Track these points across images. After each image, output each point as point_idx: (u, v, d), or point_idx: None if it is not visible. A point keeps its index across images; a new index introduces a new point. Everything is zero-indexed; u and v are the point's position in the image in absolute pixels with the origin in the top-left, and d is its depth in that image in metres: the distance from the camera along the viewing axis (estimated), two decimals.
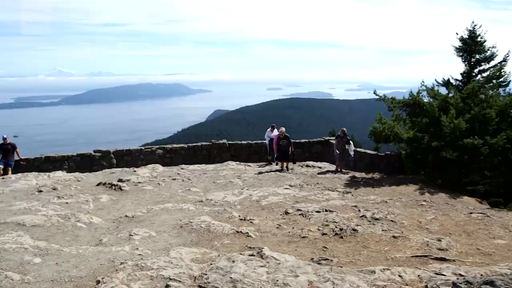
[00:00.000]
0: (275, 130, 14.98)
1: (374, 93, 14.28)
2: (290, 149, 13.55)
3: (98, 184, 11.23)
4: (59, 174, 12.69)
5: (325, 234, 6.75)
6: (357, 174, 13.10)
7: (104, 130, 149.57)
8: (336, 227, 6.96)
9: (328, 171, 13.50)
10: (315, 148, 17.40)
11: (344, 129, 13.86)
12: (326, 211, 8.07)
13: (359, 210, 8.22)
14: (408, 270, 4.87)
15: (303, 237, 6.64)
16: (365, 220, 7.48)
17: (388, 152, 14.86)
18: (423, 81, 13.70)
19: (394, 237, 6.55)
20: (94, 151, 15.43)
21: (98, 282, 4.50)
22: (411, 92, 13.52)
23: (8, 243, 5.92)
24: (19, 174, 12.29)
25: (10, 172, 13.21)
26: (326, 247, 6.15)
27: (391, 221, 7.48)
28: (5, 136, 13.57)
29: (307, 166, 14.15)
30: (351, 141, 13.94)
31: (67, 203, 9.15)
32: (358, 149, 15.29)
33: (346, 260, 5.60)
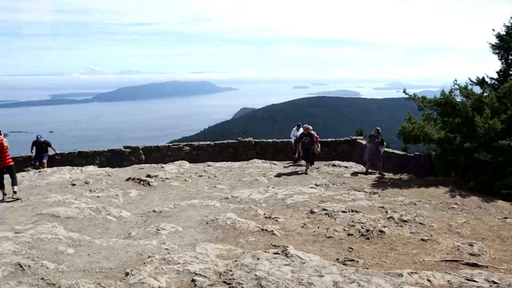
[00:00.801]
0: (301, 129, 14.85)
1: (404, 92, 13.92)
2: (312, 147, 12.91)
3: (127, 179, 11.55)
4: (91, 168, 13.15)
5: (351, 234, 6.66)
6: (385, 175, 12.83)
7: (133, 126, 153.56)
8: (362, 228, 6.86)
9: (356, 172, 13.22)
10: (342, 147, 17.17)
11: (378, 128, 13.15)
12: (352, 211, 7.97)
13: (386, 212, 8.06)
14: (437, 274, 4.74)
15: (329, 237, 6.59)
16: (393, 222, 7.33)
17: (417, 153, 14.45)
18: (455, 80, 13.22)
19: (422, 240, 6.39)
20: (124, 147, 15.87)
21: (127, 274, 4.65)
22: (442, 91, 13.09)
23: (44, 233, 6.21)
24: (54, 168, 12.84)
25: (45, 164, 13.81)
26: (352, 248, 6.07)
27: (420, 223, 7.29)
28: (39, 136, 14.19)
29: (333, 165, 13.95)
30: (384, 142, 13.22)
31: (98, 196, 9.48)
32: (386, 149, 14.94)
33: (373, 262, 5.51)
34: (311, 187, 10.50)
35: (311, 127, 13.24)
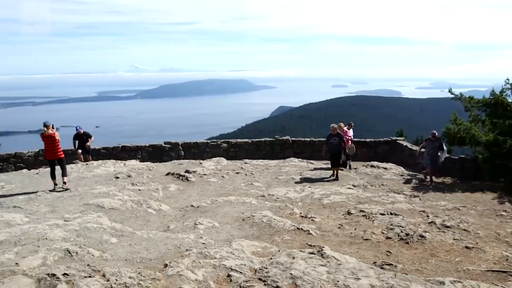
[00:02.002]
0: (351, 129, 14.38)
1: (449, 91, 13.29)
2: (342, 150, 11.84)
3: (167, 174, 11.93)
4: (133, 162, 13.71)
5: (390, 238, 6.49)
6: (428, 180, 12.32)
7: (173, 123, 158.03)
8: (401, 231, 6.66)
9: (396, 174, 12.82)
10: (381, 148, 16.69)
11: (434, 131, 12.15)
12: (391, 214, 7.75)
13: (428, 216, 7.76)
14: (483, 285, 4.52)
15: (366, 239, 6.45)
16: (434, 227, 7.04)
17: (462, 156, 13.74)
18: (507, 79, 12.42)
19: (467, 247, 6.10)
20: (164, 143, 16.38)
21: (165, 265, 4.81)
22: (492, 90, 12.36)
23: (90, 223, 6.57)
24: (100, 161, 13.51)
25: (90, 158, 14.12)
26: (390, 252, 5.91)
27: (464, 230, 6.96)
28: (78, 127, 13.97)
29: (372, 166, 13.61)
30: (444, 146, 12.13)
31: (139, 190, 9.87)
32: (422, 150, 14.32)
33: (412, 268, 5.34)
34: (349, 188, 10.33)
35: (350, 124, 12.58)
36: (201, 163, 13.40)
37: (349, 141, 13.30)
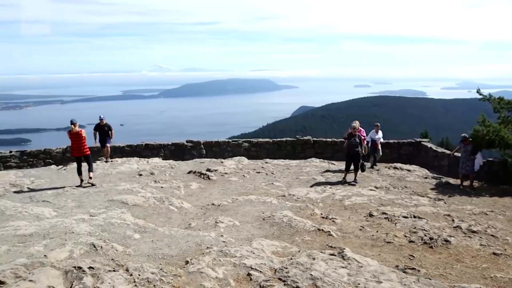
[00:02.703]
0: (380, 131, 14.06)
1: (478, 92, 12.85)
2: (360, 151, 11.26)
3: (189, 172, 12.08)
4: (156, 160, 13.96)
5: (413, 241, 6.36)
6: (451, 181, 11.99)
7: (194, 122, 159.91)
8: (425, 235, 6.51)
9: (418, 175, 12.54)
10: (405, 149, 16.34)
11: (464, 134, 11.72)
12: (414, 217, 7.59)
13: (453, 220, 7.55)
14: None
15: (388, 242, 6.34)
16: (460, 232, 6.85)
17: (490, 159, 13.27)
18: None
19: (494, 254, 5.91)
20: (187, 141, 16.57)
21: (187, 262, 4.89)
22: None
23: (114, 218, 6.75)
24: (124, 159, 13.83)
25: (109, 148, 13.86)
26: (413, 256, 5.79)
27: (492, 235, 6.73)
28: (102, 116, 13.85)
29: (395, 168, 13.35)
30: (478, 151, 11.54)
31: (162, 187, 10.05)
32: (456, 154, 13.93)
33: (436, 273, 5.21)
34: (371, 189, 10.17)
35: (377, 125, 11.97)
36: (222, 162, 13.50)
37: (365, 141, 12.90)
